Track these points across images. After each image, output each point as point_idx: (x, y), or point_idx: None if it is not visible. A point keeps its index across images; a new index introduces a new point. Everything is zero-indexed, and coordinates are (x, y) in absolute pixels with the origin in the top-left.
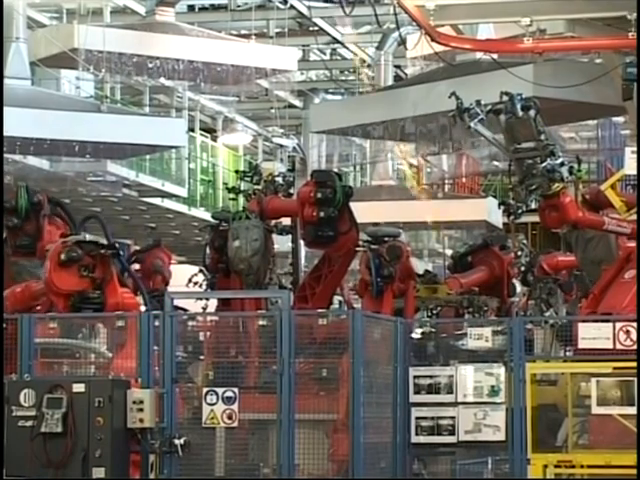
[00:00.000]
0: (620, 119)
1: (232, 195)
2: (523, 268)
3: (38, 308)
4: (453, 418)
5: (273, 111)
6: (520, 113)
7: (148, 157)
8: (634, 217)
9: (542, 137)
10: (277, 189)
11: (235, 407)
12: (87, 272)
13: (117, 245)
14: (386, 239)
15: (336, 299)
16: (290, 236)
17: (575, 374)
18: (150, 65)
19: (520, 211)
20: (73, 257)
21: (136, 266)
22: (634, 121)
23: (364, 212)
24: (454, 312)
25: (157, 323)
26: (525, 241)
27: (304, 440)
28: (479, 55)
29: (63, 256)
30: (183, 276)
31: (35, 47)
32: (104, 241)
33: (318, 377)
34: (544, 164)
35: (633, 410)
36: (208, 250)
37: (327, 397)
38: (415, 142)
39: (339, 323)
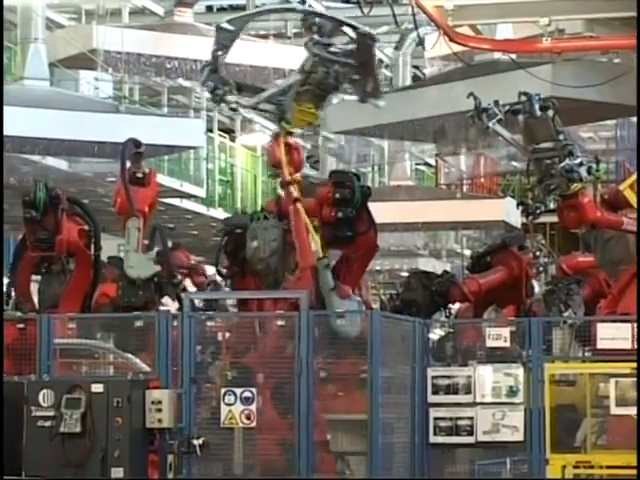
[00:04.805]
0: None
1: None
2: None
3: None
4: (471, 418)
5: None
6: (538, 113)
7: (166, 158)
8: None
9: (560, 137)
10: None
11: (253, 407)
12: None
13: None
14: None
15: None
16: None
17: (594, 374)
18: (168, 66)
19: (539, 211)
20: None
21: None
22: None
23: (382, 212)
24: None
25: (175, 323)
26: (543, 241)
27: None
28: (497, 55)
29: None
30: None
31: (54, 48)
32: None
33: (336, 378)
34: (563, 164)
35: None
36: (221, 254)
37: (345, 398)
38: (434, 142)
39: None
